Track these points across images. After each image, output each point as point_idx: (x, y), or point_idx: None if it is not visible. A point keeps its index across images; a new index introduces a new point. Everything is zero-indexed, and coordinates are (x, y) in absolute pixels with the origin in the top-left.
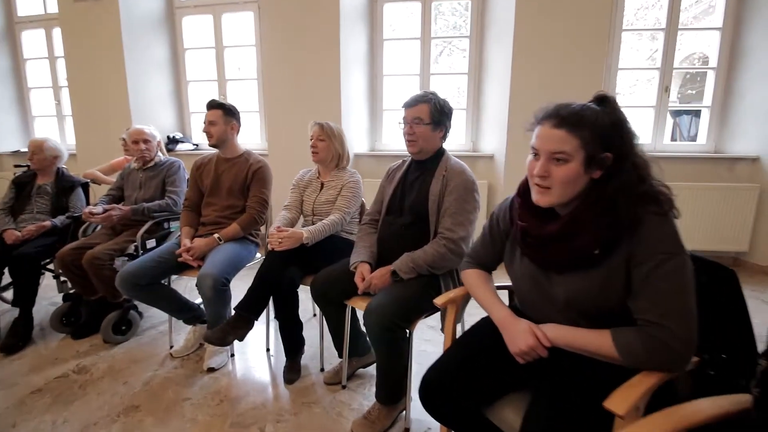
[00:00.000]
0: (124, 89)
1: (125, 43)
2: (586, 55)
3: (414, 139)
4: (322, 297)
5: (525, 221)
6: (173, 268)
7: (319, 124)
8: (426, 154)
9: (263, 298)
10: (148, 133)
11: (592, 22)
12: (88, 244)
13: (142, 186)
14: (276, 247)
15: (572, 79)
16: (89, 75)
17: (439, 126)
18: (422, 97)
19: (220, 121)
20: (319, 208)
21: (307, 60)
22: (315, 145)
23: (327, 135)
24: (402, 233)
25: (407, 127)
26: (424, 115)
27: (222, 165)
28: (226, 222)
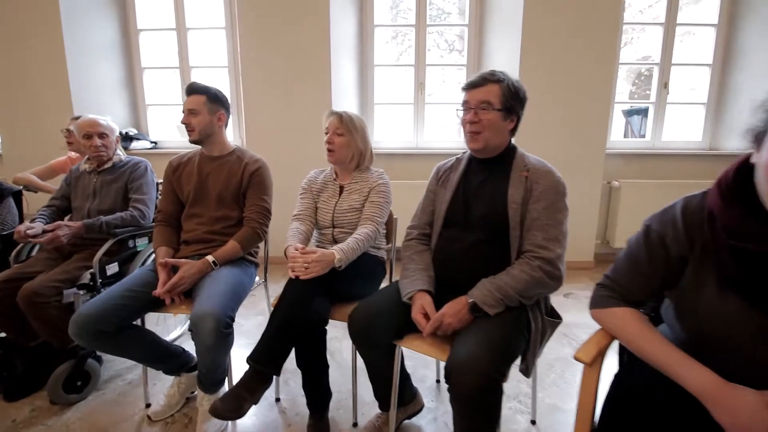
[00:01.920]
0: (63, 76)
1: (64, 21)
2: (597, 47)
3: (478, 130)
4: (363, 337)
5: (749, 240)
6: (150, 303)
7: (338, 115)
8: (492, 150)
9: (286, 344)
10: (104, 124)
11: (603, 13)
12: (24, 273)
13: (96, 193)
14: (302, 274)
15: (583, 70)
16: (18, 59)
17: (511, 114)
18: (491, 76)
19: (204, 110)
20: (340, 218)
21: (293, 44)
22: (331, 141)
23: (347, 128)
24: (471, 252)
25: (470, 113)
26: (494, 98)
27: (207, 165)
28: (218, 239)
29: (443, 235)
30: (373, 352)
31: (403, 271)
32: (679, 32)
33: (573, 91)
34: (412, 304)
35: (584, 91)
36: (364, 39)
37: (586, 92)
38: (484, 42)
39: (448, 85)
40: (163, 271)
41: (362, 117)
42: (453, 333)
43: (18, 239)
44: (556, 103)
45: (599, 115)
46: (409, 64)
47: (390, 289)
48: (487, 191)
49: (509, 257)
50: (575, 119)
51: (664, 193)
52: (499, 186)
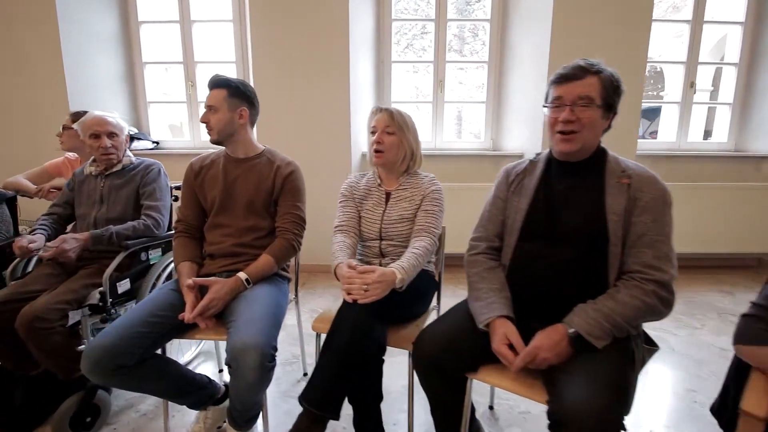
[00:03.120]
0: (59, 71)
1: (60, 10)
2: (628, 43)
3: (576, 130)
4: (433, 369)
5: None
6: (174, 329)
7: (387, 111)
8: (583, 152)
9: (346, 381)
10: (113, 122)
11: (635, 7)
12: (23, 293)
13: (104, 200)
14: (360, 298)
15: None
16: (9, 51)
17: (610, 111)
18: (590, 66)
19: (223, 107)
20: (389, 229)
21: (309, 37)
22: (380, 141)
23: (398, 126)
24: (560, 271)
25: (566, 111)
26: (595, 92)
27: (234, 169)
28: (248, 252)
29: (520, 250)
30: (442, 384)
31: (473, 291)
32: (678, 31)
33: None
34: (492, 332)
35: None
36: (380, 33)
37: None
38: (508, 37)
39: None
40: (191, 292)
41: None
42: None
43: (19, 254)
44: None
45: (629, 114)
46: (428, 61)
47: (459, 312)
48: (578, 200)
49: (606, 278)
50: None
51: (689, 195)
52: (592, 194)
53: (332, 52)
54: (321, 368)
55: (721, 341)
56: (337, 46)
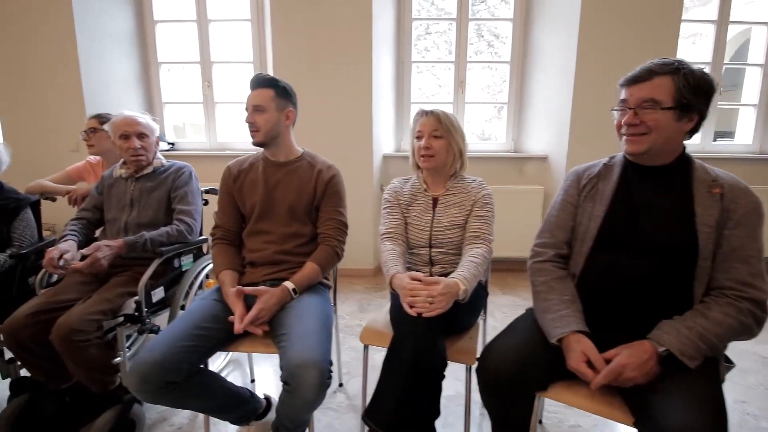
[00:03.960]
0: (75, 71)
1: (76, 10)
2: (657, 42)
3: (643, 132)
4: (504, 386)
5: None
6: (220, 342)
7: (434, 114)
8: (659, 156)
9: (414, 398)
10: (143, 123)
11: (663, 7)
12: (56, 303)
13: (134, 203)
14: (426, 311)
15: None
16: (22, 52)
17: (689, 112)
18: (663, 66)
19: (271, 107)
20: (439, 236)
21: (331, 37)
22: (429, 146)
23: (446, 129)
24: (644, 285)
25: (629, 114)
26: (663, 94)
27: (274, 173)
28: (291, 260)
29: (594, 260)
30: (509, 402)
31: (542, 302)
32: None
33: None
34: (567, 348)
35: None
36: (400, 32)
37: None
38: (531, 36)
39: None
40: (240, 302)
41: (391, 116)
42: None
43: (50, 269)
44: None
45: None
46: (449, 61)
47: (526, 324)
48: (662, 209)
49: (691, 293)
50: None
51: None
52: (679, 204)
53: (355, 51)
54: (386, 385)
55: (764, 349)
56: (359, 45)
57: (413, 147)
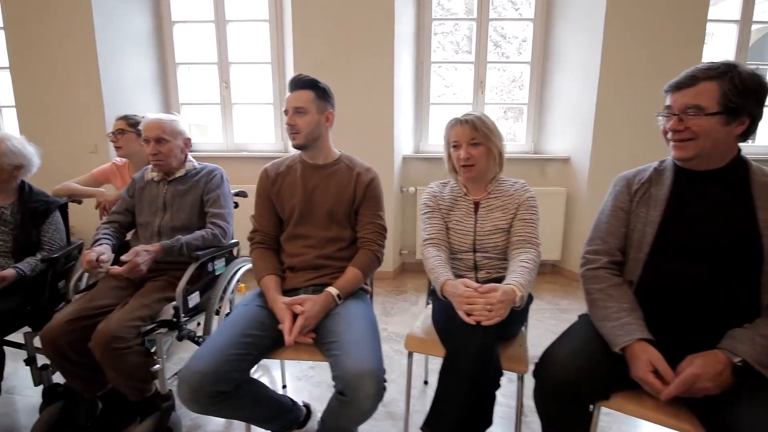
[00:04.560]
0: (94, 73)
1: (96, 11)
2: (682, 42)
3: (689, 138)
4: (561, 394)
5: None
6: (266, 349)
7: (469, 123)
8: (710, 160)
9: (475, 408)
10: (166, 127)
11: (690, 7)
12: (93, 309)
13: (167, 207)
14: (485, 319)
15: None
16: (42, 54)
17: (738, 116)
18: (707, 71)
19: (312, 109)
20: (484, 241)
21: (352, 38)
22: (469, 155)
23: (484, 135)
24: (707, 292)
25: (673, 121)
26: (709, 100)
27: (313, 176)
28: (331, 265)
29: (653, 267)
30: (568, 412)
31: (600, 310)
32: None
33: (657, 93)
34: (632, 357)
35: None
36: (420, 33)
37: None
38: (552, 36)
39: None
40: (289, 313)
41: (411, 117)
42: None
43: (87, 269)
44: (638, 106)
45: None
46: (469, 62)
47: (583, 331)
48: (721, 214)
49: (756, 299)
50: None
51: None
52: (738, 208)
53: (376, 51)
54: (446, 396)
55: None
56: (381, 45)
57: (449, 155)
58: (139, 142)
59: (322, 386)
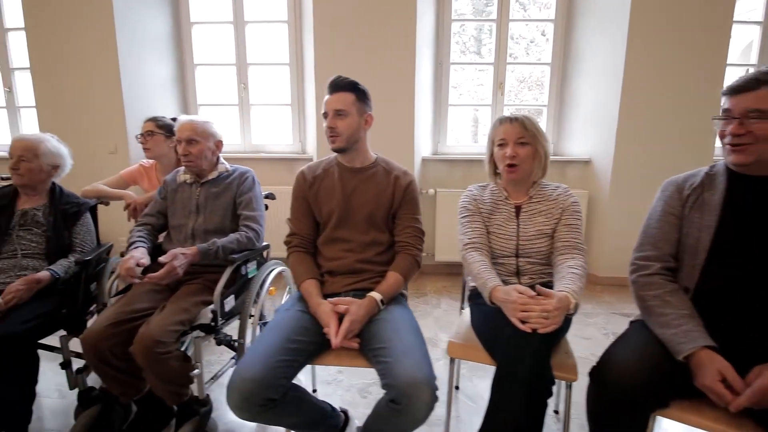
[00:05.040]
0: (114, 73)
1: (117, 12)
2: (708, 44)
3: (749, 142)
4: (620, 402)
5: None
6: (311, 355)
7: (519, 121)
8: (765, 166)
9: (533, 417)
10: (197, 128)
11: (715, 9)
12: (130, 313)
13: (200, 209)
14: (542, 326)
15: (692, 73)
16: (63, 54)
17: None
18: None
19: (353, 111)
20: (527, 246)
21: (374, 39)
22: (515, 154)
23: (532, 135)
24: (764, 298)
25: (733, 125)
26: None
27: (351, 179)
28: (371, 269)
29: (711, 273)
30: (624, 421)
31: (658, 317)
32: None
33: (681, 95)
34: (698, 365)
35: (693, 96)
36: (439, 33)
37: (694, 97)
38: (573, 37)
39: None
40: (335, 316)
41: (429, 119)
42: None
43: (128, 279)
44: (665, 109)
45: (707, 120)
46: (488, 63)
47: (640, 337)
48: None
49: None
50: (683, 126)
51: None
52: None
53: (398, 53)
54: (502, 404)
55: None
56: (402, 46)
57: (491, 155)
58: (167, 143)
59: (352, 390)
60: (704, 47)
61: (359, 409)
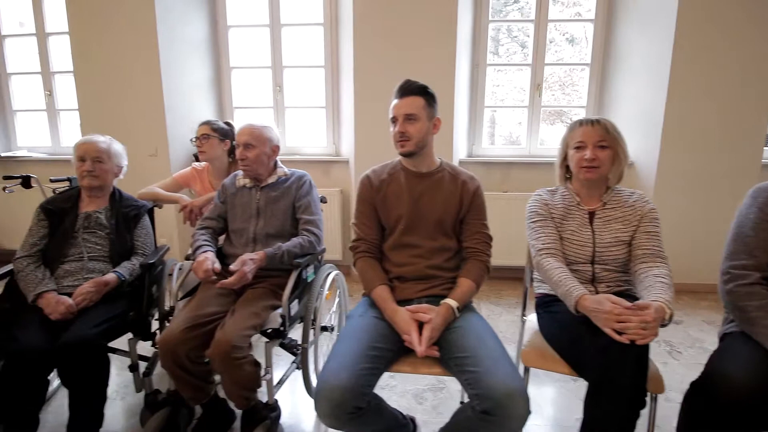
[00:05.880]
0: (156, 77)
1: (159, 15)
2: (756, 44)
3: None
4: (729, 414)
5: None
6: (390, 362)
7: (601, 124)
8: None
9: (628, 429)
10: (255, 133)
11: (764, 4)
12: (201, 317)
13: (261, 213)
14: (640, 338)
15: (743, 72)
16: (106, 57)
17: None
18: None
19: (423, 116)
20: (604, 253)
21: (414, 40)
22: (595, 158)
23: (614, 139)
24: None
25: None
26: None
27: (417, 184)
28: (441, 275)
29: None
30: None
31: (764, 329)
32: None
33: (730, 99)
34: None
35: (742, 100)
36: (477, 35)
37: (743, 101)
38: (615, 36)
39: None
40: (414, 322)
41: (465, 121)
42: None
43: (207, 282)
44: (710, 110)
45: (757, 120)
46: (526, 63)
47: (746, 349)
48: None
49: None
50: (730, 131)
51: None
52: None
53: (438, 54)
54: (602, 417)
55: None
56: (442, 47)
57: (563, 159)
58: (221, 147)
59: (407, 396)
60: (755, 50)
61: (417, 415)
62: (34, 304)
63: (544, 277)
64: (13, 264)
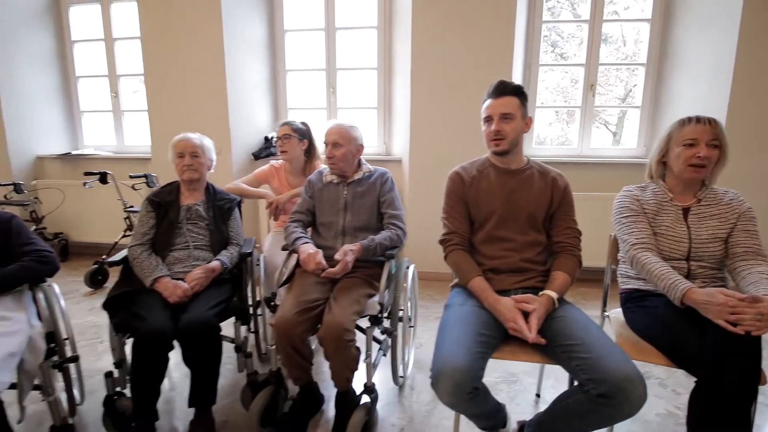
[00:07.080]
0: (221, 79)
1: (225, 21)
2: None
3: None
4: None
5: None
6: (494, 348)
7: (712, 122)
8: None
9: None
10: (342, 133)
11: None
12: (307, 302)
13: (348, 207)
14: (756, 329)
15: None
16: (174, 61)
17: None
18: None
19: (518, 115)
20: (701, 249)
21: (471, 40)
22: (706, 157)
23: (724, 139)
24: None
25: None
26: None
27: (508, 181)
28: (535, 269)
29: None
30: None
31: None
32: None
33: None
34: None
35: None
36: (529, 35)
37: None
38: (671, 36)
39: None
40: (519, 311)
41: None
42: None
43: (317, 272)
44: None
45: None
46: (579, 64)
47: None
48: None
49: None
50: None
51: None
52: None
53: (495, 55)
54: (717, 411)
55: None
56: (500, 48)
57: (662, 155)
58: (300, 146)
59: None
60: None
61: None
62: (150, 288)
63: (641, 271)
64: (127, 251)
